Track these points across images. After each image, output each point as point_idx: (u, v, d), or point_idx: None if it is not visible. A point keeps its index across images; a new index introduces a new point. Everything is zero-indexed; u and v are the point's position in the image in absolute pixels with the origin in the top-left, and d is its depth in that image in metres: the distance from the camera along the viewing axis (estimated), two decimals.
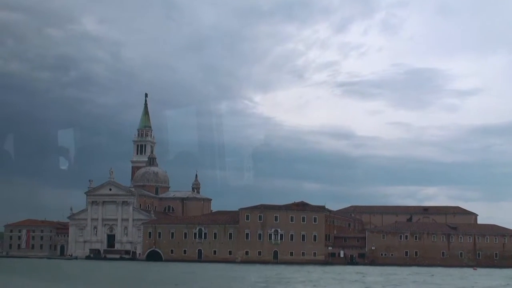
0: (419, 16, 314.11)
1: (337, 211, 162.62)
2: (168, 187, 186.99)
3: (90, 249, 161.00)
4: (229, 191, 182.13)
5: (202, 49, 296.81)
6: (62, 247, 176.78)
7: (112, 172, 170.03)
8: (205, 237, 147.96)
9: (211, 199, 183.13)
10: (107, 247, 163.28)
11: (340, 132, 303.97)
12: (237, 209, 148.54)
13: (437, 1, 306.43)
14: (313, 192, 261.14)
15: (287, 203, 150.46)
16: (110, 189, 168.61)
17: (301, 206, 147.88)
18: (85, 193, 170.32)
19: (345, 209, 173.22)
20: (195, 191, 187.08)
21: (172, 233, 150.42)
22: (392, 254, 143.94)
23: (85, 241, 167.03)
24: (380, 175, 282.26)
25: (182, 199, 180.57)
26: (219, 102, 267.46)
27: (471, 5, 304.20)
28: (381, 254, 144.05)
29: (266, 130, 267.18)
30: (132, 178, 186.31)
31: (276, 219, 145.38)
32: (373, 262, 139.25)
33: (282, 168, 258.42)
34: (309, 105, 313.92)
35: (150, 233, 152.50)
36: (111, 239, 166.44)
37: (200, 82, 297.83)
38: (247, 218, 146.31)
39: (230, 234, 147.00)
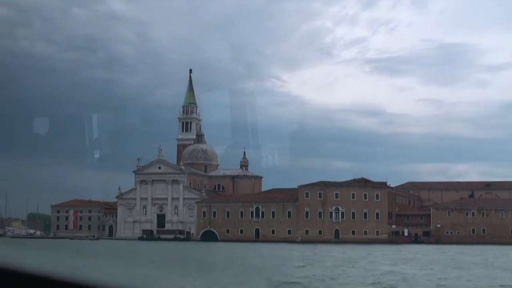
0: None
1: (395, 187, 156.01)
2: (217, 165, 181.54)
3: (142, 230, 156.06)
4: (261, 171, 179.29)
5: (229, 27, 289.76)
6: (110, 228, 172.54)
7: (160, 149, 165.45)
8: (262, 216, 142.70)
9: (261, 177, 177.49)
10: (157, 227, 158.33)
11: (369, 109, 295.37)
12: (296, 186, 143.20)
13: None
14: (342, 170, 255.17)
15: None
16: (160, 168, 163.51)
17: (362, 183, 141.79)
18: (133, 171, 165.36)
19: (402, 185, 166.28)
20: (244, 168, 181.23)
21: (228, 212, 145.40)
22: (458, 232, 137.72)
23: (134, 221, 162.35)
24: (410, 153, 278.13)
25: (233, 177, 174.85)
26: (247, 81, 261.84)
27: None
28: (447, 232, 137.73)
29: (294, 109, 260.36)
30: (177, 157, 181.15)
31: (336, 196, 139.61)
32: (438, 241, 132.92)
33: (311, 147, 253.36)
34: (337, 83, 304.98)
35: (204, 212, 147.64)
36: (161, 219, 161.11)
37: (228, 60, 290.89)
38: (307, 196, 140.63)
39: (289, 212, 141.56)
